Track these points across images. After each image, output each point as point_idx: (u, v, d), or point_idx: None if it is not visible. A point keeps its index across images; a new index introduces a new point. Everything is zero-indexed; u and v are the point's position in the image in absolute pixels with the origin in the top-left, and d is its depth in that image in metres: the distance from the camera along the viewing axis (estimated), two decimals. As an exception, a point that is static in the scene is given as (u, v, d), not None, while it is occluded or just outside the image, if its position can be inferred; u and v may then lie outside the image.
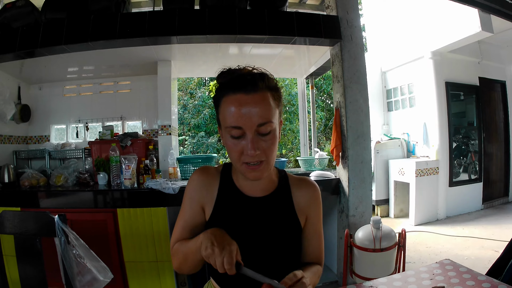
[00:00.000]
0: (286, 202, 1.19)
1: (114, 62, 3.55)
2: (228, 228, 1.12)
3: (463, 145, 5.72)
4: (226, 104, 1.00)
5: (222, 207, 1.15)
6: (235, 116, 0.97)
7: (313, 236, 1.23)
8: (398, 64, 6.15)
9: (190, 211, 1.15)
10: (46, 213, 1.48)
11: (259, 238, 1.13)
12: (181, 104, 9.70)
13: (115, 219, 2.80)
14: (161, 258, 2.86)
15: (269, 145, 1.01)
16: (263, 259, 1.11)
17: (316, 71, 4.21)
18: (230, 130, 1.00)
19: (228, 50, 3.43)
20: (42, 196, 2.87)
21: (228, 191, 1.16)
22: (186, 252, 1.06)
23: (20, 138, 3.80)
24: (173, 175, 3.25)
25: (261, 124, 0.98)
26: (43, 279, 1.45)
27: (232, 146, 1.02)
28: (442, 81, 5.38)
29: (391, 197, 5.77)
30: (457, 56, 5.50)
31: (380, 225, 2.49)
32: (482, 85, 5.83)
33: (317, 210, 1.23)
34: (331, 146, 2.97)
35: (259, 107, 0.98)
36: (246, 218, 1.15)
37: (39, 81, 3.88)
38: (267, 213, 1.16)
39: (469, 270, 1.13)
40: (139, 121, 3.97)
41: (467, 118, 5.93)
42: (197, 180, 1.17)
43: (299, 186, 1.22)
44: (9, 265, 2.52)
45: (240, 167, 1.04)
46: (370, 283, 1.11)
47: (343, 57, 2.88)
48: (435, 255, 3.92)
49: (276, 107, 1.03)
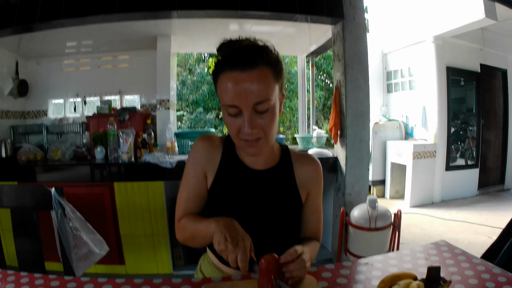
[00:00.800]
0: (288, 176, 1.19)
1: (113, 37, 3.50)
2: (229, 199, 1.13)
3: (461, 130, 5.73)
4: (223, 81, 0.96)
5: (223, 177, 1.14)
6: (231, 95, 0.94)
7: (313, 212, 1.23)
8: (400, 47, 6.10)
9: (193, 179, 1.14)
10: (43, 186, 1.47)
11: (260, 210, 1.13)
12: (179, 80, 9.64)
13: (112, 193, 2.81)
14: (157, 232, 2.88)
15: (267, 122, 0.98)
16: (263, 232, 1.11)
17: (316, 49, 4.16)
18: (227, 108, 0.97)
19: (229, 27, 3.39)
20: (39, 171, 2.87)
21: (230, 161, 1.15)
22: (194, 233, 1.05)
23: (17, 113, 3.78)
24: (171, 150, 3.25)
25: (258, 102, 0.95)
26: (40, 253, 1.46)
27: (229, 123, 1.00)
28: (443, 66, 5.36)
29: (387, 178, 5.81)
30: (459, 41, 5.46)
31: (376, 205, 2.51)
32: (483, 72, 5.81)
33: (318, 187, 1.23)
34: (330, 125, 2.96)
35: (255, 85, 0.93)
36: (247, 189, 1.14)
37: (37, 56, 3.83)
38: (268, 186, 1.15)
39: (464, 253, 1.13)
40: (137, 95, 3.94)
41: (466, 104, 5.93)
42: (201, 146, 1.15)
43: (302, 162, 1.21)
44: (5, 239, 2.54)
45: (239, 143, 1.03)
46: (366, 260, 1.11)
47: (344, 36, 2.85)
48: (429, 237, 3.96)
49: (275, 83, 0.99)
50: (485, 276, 0.98)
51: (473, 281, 0.96)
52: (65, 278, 0.99)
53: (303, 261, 0.92)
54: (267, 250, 0.95)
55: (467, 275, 0.99)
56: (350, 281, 0.98)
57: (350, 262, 1.10)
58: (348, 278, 1.00)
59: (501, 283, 0.94)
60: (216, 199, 1.14)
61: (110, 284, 0.96)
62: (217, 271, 1.20)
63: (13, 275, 1.00)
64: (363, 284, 0.97)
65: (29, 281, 0.97)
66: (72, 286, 0.95)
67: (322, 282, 0.97)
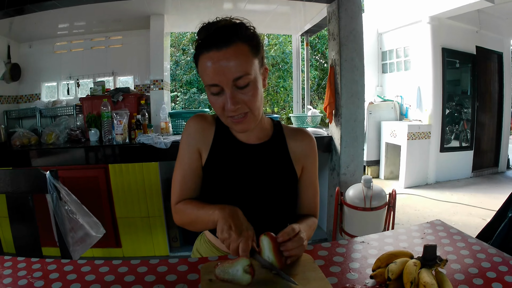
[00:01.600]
0: (282, 150, 1.19)
1: (106, 17, 3.45)
2: (224, 174, 1.13)
3: (456, 112, 5.73)
4: (202, 63, 0.98)
5: (217, 152, 1.14)
6: (210, 74, 0.96)
7: (308, 187, 1.23)
8: (395, 27, 6.06)
9: (187, 159, 1.14)
10: (38, 170, 1.47)
11: (255, 184, 1.13)
12: (173, 61, 9.60)
13: (106, 175, 2.81)
14: (153, 213, 2.89)
15: (250, 97, 0.99)
16: (259, 206, 1.12)
17: (311, 28, 4.14)
18: (209, 88, 0.99)
19: (223, 5, 3.34)
20: (33, 155, 2.86)
21: (224, 137, 1.16)
22: (195, 218, 1.06)
23: (10, 97, 3.73)
24: (165, 130, 3.23)
25: (237, 78, 0.96)
26: (36, 237, 1.46)
27: (214, 102, 1.02)
28: (439, 47, 5.33)
29: (382, 158, 5.85)
30: (456, 23, 5.42)
31: (371, 184, 2.51)
32: (478, 54, 5.78)
33: (313, 161, 1.23)
34: (325, 104, 2.95)
35: (232, 62, 0.95)
36: (242, 164, 1.14)
37: (29, 39, 3.76)
38: (262, 160, 1.15)
39: (459, 232, 1.14)
40: (130, 76, 3.89)
41: (461, 86, 5.90)
42: (193, 125, 1.16)
43: (295, 136, 1.21)
44: (2, 226, 2.54)
45: (226, 121, 1.05)
46: (362, 238, 1.11)
47: (340, 15, 2.82)
48: (423, 218, 4.01)
49: (253, 57, 0.99)
50: (481, 256, 0.99)
51: (469, 260, 0.96)
52: (62, 261, 0.99)
53: (301, 239, 0.93)
54: (264, 225, 0.96)
55: (463, 255, 1.00)
56: (346, 259, 0.99)
57: (346, 241, 1.10)
58: (344, 257, 1.01)
59: (496, 263, 0.94)
60: (211, 175, 1.14)
61: (107, 266, 0.96)
62: (214, 249, 1.21)
63: (10, 261, 1.00)
64: (359, 262, 0.98)
65: (26, 265, 0.97)
66: (70, 269, 0.95)
67: (318, 261, 0.98)
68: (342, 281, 0.89)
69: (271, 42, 9.88)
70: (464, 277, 0.88)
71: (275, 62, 9.88)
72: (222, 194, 1.13)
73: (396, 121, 5.80)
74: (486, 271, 0.90)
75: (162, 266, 0.96)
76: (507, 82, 6.26)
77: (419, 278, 0.80)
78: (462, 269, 0.92)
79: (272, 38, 9.81)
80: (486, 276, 0.88)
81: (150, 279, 0.90)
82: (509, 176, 6.11)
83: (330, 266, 0.95)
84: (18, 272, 0.94)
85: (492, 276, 0.88)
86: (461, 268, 0.92)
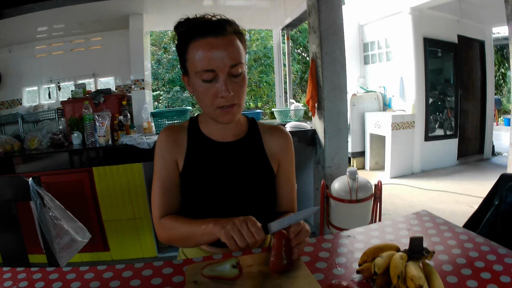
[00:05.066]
0: (257, 147, 1.19)
1: (85, 18, 3.43)
2: (201, 175, 1.13)
3: (439, 101, 5.79)
4: (195, 49, 0.99)
5: (193, 157, 1.15)
6: (206, 59, 0.98)
7: (286, 183, 1.24)
8: (376, 18, 6.08)
9: (165, 172, 1.14)
10: (20, 177, 1.46)
11: (233, 181, 1.14)
12: (155, 59, 9.58)
13: (91, 178, 2.78)
14: (139, 215, 2.87)
15: (240, 87, 1.03)
16: (238, 204, 1.13)
17: (292, 22, 4.16)
18: (202, 74, 1.00)
19: (203, 2, 3.34)
20: (16, 162, 2.80)
21: (198, 140, 1.16)
22: (187, 234, 1.05)
23: (-9, 104, 3.67)
24: (148, 130, 3.21)
25: (233, 65, 0.99)
26: (22, 245, 1.44)
27: (204, 91, 1.02)
28: (420, 37, 5.37)
29: (366, 149, 5.88)
30: (437, 13, 5.46)
31: (356, 176, 2.52)
32: (460, 43, 5.84)
33: (289, 158, 1.23)
34: (307, 97, 2.95)
35: (229, 49, 0.99)
36: (218, 163, 1.15)
37: (9, 44, 3.71)
38: (238, 157, 1.16)
39: (446, 222, 1.14)
40: (111, 77, 3.86)
41: (444, 75, 5.96)
42: (165, 138, 1.16)
43: (271, 133, 1.22)
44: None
45: (214, 111, 1.05)
46: (348, 232, 1.11)
47: (320, 8, 2.82)
48: (410, 207, 4.04)
49: (243, 50, 1.05)
50: (468, 245, 0.99)
51: (457, 250, 0.97)
52: (47, 269, 0.98)
53: (307, 232, 0.95)
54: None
55: (450, 245, 1.00)
56: (332, 254, 0.99)
57: (332, 236, 1.10)
58: (330, 252, 1.00)
59: (485, 252, 0.95)
60: (189, 179, 1.14)
61: (92, 272, 0.96)
62: (199, 251, 1.21)
63: None
64: (346, 257, 0.97)
65: (12, 275, 0.96)
66: (55, 277, 0.94)
67: (304, 257, 0.98)
68: (329, 277, 0.88)
69: (253, 37, 9.88)
70: (452, 268, 0.88)
71: (257, 57, 9.89)
72: (201, 195, 1.13)
73: (379, 112, 5.84)
74: (474, 261, 0.91)
75: (147, 270, 0.95)
76: (489, 70, 6.34)
77: (406, 271, 0.79)
78: (450, 260, 0.92)
79: (254, 33, 9.80)
80: (474, 266, 0.89)
81: (135, 284, 0.90)
82: (494, 162, 6.20)
83: (316, 262, 0.95)
84: (4, 283, 0.93)
85: (481, 266, 0.88)
86: (449, 259, 0.92)
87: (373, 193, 2.54)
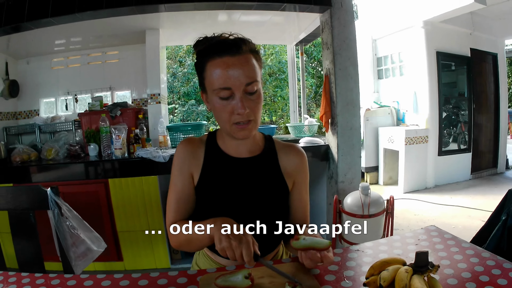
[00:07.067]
0: (273, 164, 1.21)
1: (102, 33, 3.49)
2: (216, 190, 1.15)
3: (453, 115, 5.75)
4: (212, 68, 1.02)
5: (209, 171, 1.17)
6: (223, 78, 1.00)
7: (299, 201, 1.25)
8: (389, 33, 6.10)
9: (180, 182, 1.16)
10: (39, 187, 1.49)
11: (247, 197, 1.15)
12: (170, 73, 9.61)
13: (107, 190, 2.82)
14: (154, 226, 2.89)
15: (256, 104, 1.05)
16: (251, 220, 1.13)
17: (306, 37, 4.18)
18: (219, 92, 1.02)
19: (217, 17, 3.38)
20: (33, 171, 2.86)
21: (214, 155, 1.18)
22: (190, 237, 1.06)
23: (9, 114, 3.76)
24: (163, 144, 3.25)
25: (249, 83, 1.01)
26: (39, 253, 1.47)
27: (221, 108, 1.05)
28: (433, 51, 5.37)
29: (380, 164, 5.85)
30: (449, 26, 5.45)
31: (368, 192, 2.52)
32: (473, 57, 5.81)
33: (304, 177, 1.25)
34: (320, 113, 2.97)
35: (245, 68, 1.01)
36: (233, 178, 1.17)
37: (27, 55, 3.80)
38: (254, 173, 1.18)
39: (453, 237, 1.15)
40: (128, 90, 3.93)
41: (458, 88, 5.94)
42: (183, 150, 1.19)
43: (287, 152, 1.24)
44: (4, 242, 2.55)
45: (230, 128, 1.07)
46: (357, 247, 1.13)
47: (332, 24, 2.85)
48: (423, 222, 4.00)
49: (259, 68, 1.07)
50: (474, 260, 1.00)
51: (462, 265, 0.97)
52: (65, 276, 1.00)
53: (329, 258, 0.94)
54: (257, 237, 0.97)
55: (456, 260, 1.01)
56: (341, 268, 1.01)
57: (342, 250, 1.12)
58: (339, 265, 1.02)
59: (490, 267, 0.95)
60: (204, 193, 1.16)
61: (109, 279, 0.98)
62: (212, 262, 1.23)
63: (15, 276, 1.02)
64: (354, 270, 0.99)
65: (31, 281, 0.99)
66: (72, 284, 0.96)
67: (314, 270, 1.00)
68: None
69: (267, 52, 9.93)
70: (457, 282, 0.89)
71: (272, 72, 9.92)
72: (216, 210, 1.15)
73: (393, 126, 5.82)
74: (479, 275, 0.92)
75: (162, 279, 0.98)
76: (502, 83, 6.29)
77: (411, 284, 0.81)
78: (455, 274, 0.93)
79: (268, 48, 9.84)
80: (479, 280, 0.89)
81: (151, 292, 0.91)
82: (508, 176, 6.12)
83: (325, 275, 0.97)
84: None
85: (485, 280, 0.89)
86: (454, 273, 0.93)
87: (385, 208, 2.54)
